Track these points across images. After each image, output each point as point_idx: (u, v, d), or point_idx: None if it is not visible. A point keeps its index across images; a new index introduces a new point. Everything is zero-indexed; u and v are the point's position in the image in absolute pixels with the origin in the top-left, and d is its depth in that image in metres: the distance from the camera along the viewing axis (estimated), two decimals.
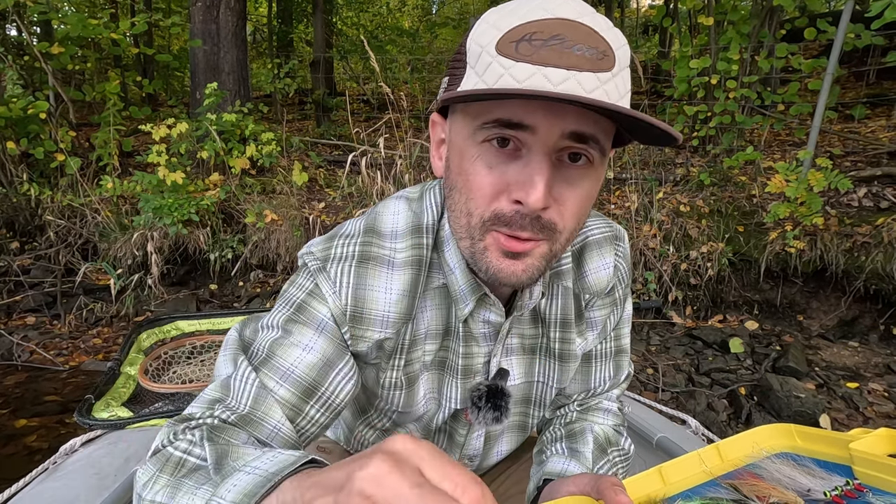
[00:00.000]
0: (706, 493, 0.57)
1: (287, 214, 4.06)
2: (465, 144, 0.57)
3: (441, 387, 0.75)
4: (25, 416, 2.62)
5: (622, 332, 0.86)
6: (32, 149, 4.10)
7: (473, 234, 0.58)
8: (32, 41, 4.25)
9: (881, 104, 4.87)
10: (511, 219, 0.55)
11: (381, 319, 0.67)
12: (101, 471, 1.08)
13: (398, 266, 0.67)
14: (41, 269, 3.93)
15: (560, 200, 0.56)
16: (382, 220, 0.70)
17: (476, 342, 0.73)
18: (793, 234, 3.29)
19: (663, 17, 5.40)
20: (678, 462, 0.59)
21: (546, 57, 0.49)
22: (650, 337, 3.44)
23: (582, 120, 0.52)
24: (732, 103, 4.01)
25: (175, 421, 0.60)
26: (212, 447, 0.51)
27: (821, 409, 2.51)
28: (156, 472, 0.52)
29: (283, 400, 0.62)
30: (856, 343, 3.21)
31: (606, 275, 0.78)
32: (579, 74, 0.49)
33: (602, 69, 0.50)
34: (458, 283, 0.68)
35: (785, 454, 0.62)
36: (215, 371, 0.69)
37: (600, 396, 0.88)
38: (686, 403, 2.70)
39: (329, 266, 0.66)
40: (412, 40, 10.13)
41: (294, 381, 0.62)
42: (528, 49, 0.50)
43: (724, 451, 0.62)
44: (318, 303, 0.66)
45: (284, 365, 0.62)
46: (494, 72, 0.51)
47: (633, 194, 3.92)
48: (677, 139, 0.52)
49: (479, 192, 0.56)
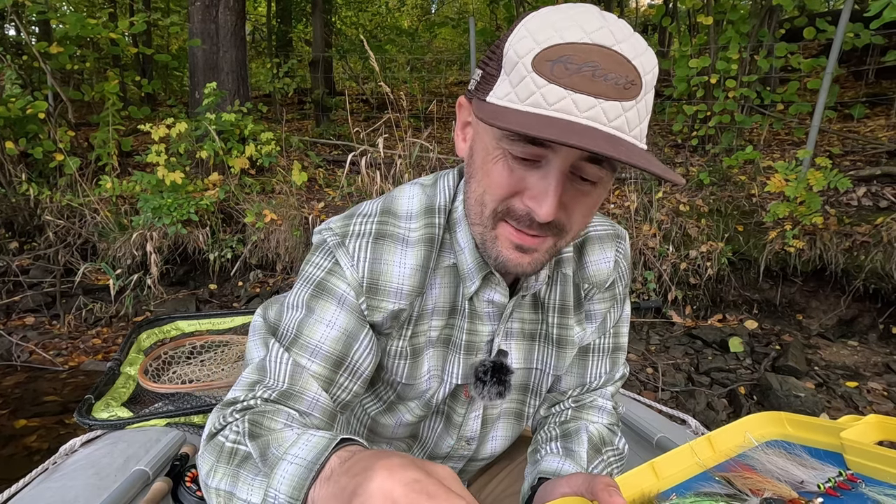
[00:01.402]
0: (700, 487, 0.57)
1: (286, 214, 4.06)
2: (489, 143, 0.60)
3: (444, 364, 0.79)
4: (25, 416, 2.62)
5: (621, 330, 0.90)
6: (31, 149, 4.09)
7: (486, 222, 0.63)
8: (31, 41, 4.25)
9: (880, 103, 4.87)
10: (522, 218, 0.60)
11: (396, 291, 0.71)
12: (101, 471, 1.07)
13: (412, 243, 0.72)
14: (40, 270, 3.92)
15: (570, 207, 0.60)
16: (398, 202, 0.74)
17: (481, 320, 0.77)
18: (792, 234, 3.29)
19: (662, 17, 5.40)
20: (670, 456, 0.60)
21: (577, 83, 0.52)
22: (650, 336, 3.44)
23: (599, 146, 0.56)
24: (732, 103, 4.01)
25: (222, 405, 0.65)
26: (253, 443, 0.56)
27: (820, 409, 2.51)
28: (214, 462, 0.58)
29: (316, 374, 0.67)
30: (855, 342, 3.22)
31: (607, 268, 0.82)
32: (605, 103, 0.53)
33: (627, 98, 0.53)
34: (466, 262, 0.72)
35: (776, 442, 0.63)
36: (247, 355, 0.75)
37: (595, 393, 0.90)
38: (686, 403, 2.70)
39: (347, 241, 0.71)
40: (411, 40, 10.12)
41: (323, 356, 0.67)
42: (562, 72, 0.53)
43: (716, 441, 0.63)
44: (336, 279, 0.70)
45: (312, 342, 0.68)
46: (528, 88, 0.54)
47: (633, 194, 3.92)
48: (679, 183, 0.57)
49: (496, 189, 0.60)
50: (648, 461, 0.58)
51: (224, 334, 1.76)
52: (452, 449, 0.88)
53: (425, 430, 0.87)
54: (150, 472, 1.08)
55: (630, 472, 0.57)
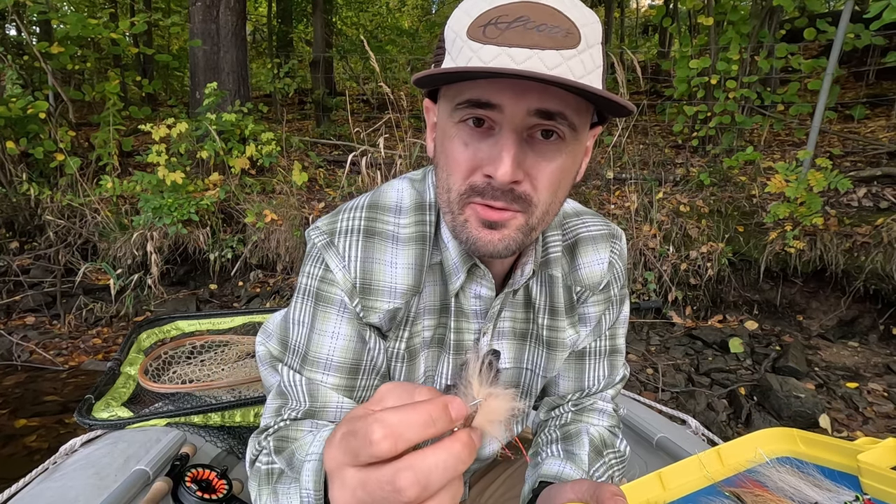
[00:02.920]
0: (708, 502, 0.56)
1: (287, 214, 4.06)
2: (446, 125, 0.60)
3: (436, 365, 0.78)
4: (25, 416, 2.62)
5: (618, 332, 0.87)
6: (32, 148, 4.09)
7: (454, 208, 0.62)
8: (32, 41, 4.25)
9: (881, 104, 4.87)
10: (483, 189, 0.59)
11: (389, 290, 0.70)
12: (101, 471, 1.07)
13: (402, 241, 0.70)
14: (41, 269, 3.92)
15: (533, 175, 0.58)
16: (386, 195, 0.73)
17: (467, 318, 0.76)
18: (792, 235, 3.29)
19: (663, 18, 5.40)
20: (678, 466, 0.58)
21: (510, 38, 0.52)
22: (650, 337, 3.44)
23: (545, 97, 0.54)
24: (732, 103, 4.01)
25: (256, 434, 0.70)
26: (280, 457, 0.60)
27: (820, 409, 2.51)
28: (258, 486, 0.63)
29: (335, 385, 0.68)
30: (855, 343, 3.21)
31: (600, 269, 0.80)
32: (542, 52, 0.52)
33: (566, 46, 0.53)
34: (451, 257, 0.71)
35: (787, 459, 0.61)
36: (264, 383, 0.79)
37: (595, 396, 0.88)
38: (686, 403, 2.70)
39: (336, 240, 0.69)
40: (412, 40, 10.12)
41: (337, 368, 0.68)
42: (493, 32, 0.53)
43: (725, 454, 0.61)
44: (329, 286, 0.70)
45: (321, 357, 0.68)
46: (465, 55, 0.55)
47: (633, 194, 3.92)
48: (631, 110, 0.55)
49: (456, 168, 0.60)
50: (655, 471, 0.57)
51: (224, 334, 1.76)
52: None
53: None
54: (151, 472, 1.08)
55: (636, 482, 0.56)
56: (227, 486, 1.05)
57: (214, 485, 1.05)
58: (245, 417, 1.35)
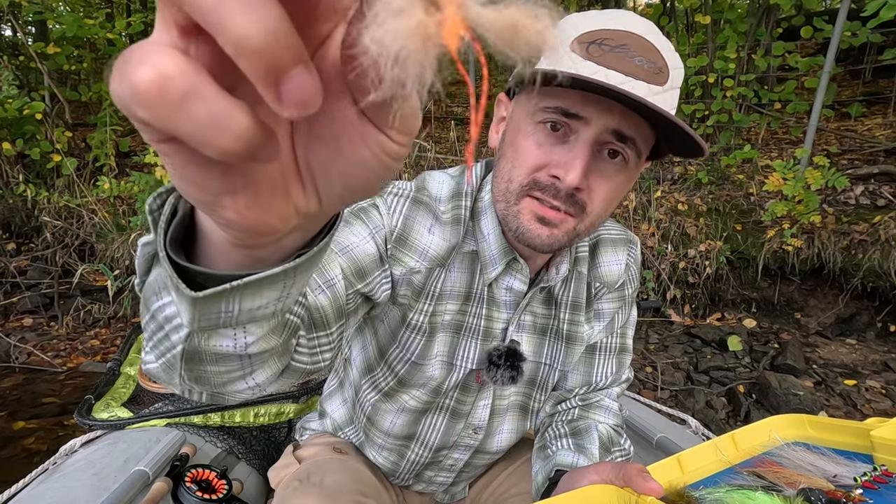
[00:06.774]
0: (730, 480, 0.57)
1: None
2: (523, 122, 0.65)
3: (455, 349, 0.80)
4: (23, 418, 2.61)
5: (627, 332, 0.92)
6: (28, 149, 4.07)
7: (510, 198, 0.67)
8: (28, 41, 4.23)
9: (878, 102, 4.88)
10: (546, 187, 0.63)
11: (421, 250, 0.73)
12: (100, 471, 1.07)
13: (442, 221, 0.75)
14: (38, 271, 3.91)
15: (593, 187, 0.64)
16: (430, 184, 0.77)
17: (497, 308, 0.79)
18: (790, 232, 3.29)
19: (660, 16, 5.40)
20: (695, 451, 0.60)
21: (610, 61, 0.57)
22: (649, 335, 3.45)
23: (626, 121, 0.60)
24: (730, 102, 4.02)
25: None
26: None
27: (819, 407, 2.52)
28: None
29: (342, 264, 0.68)
30: (853, 340, 3.22)
31: (618, 269, 0.85)
32: (635, 81, 0.57)
33: (656, 82, 0.58)
34: (489, 249, 0.75)
35: (798, 444, 0.62)
36: None
37: (601, 392, 0.90)
38: (685, 402, 2.70)
39: (387, 195, 0.74)
40: None
41: (350, 258, 0.68)
42: (596, 51, 0.58)
43: (739, 439, 0.64)
44: (375, 211, 0.73)
45: (344, 242, 0.69)
46: (564, 65, 0.59)
47: (631, 193, 3.92)
48: (704, 151, 0.59)
49: (523, 163, 0.64)
50: (674, 454, 0.59)
51: None
52: (459, 437, 0.89)
53: (424, 429, 0.87)
54: (150, 473, 1.08)
55: (655, 465, 0.58)
56: (226, 486, 1.05)
57: (214, 485, 1.05)
58: (245, 417, 1.35)
